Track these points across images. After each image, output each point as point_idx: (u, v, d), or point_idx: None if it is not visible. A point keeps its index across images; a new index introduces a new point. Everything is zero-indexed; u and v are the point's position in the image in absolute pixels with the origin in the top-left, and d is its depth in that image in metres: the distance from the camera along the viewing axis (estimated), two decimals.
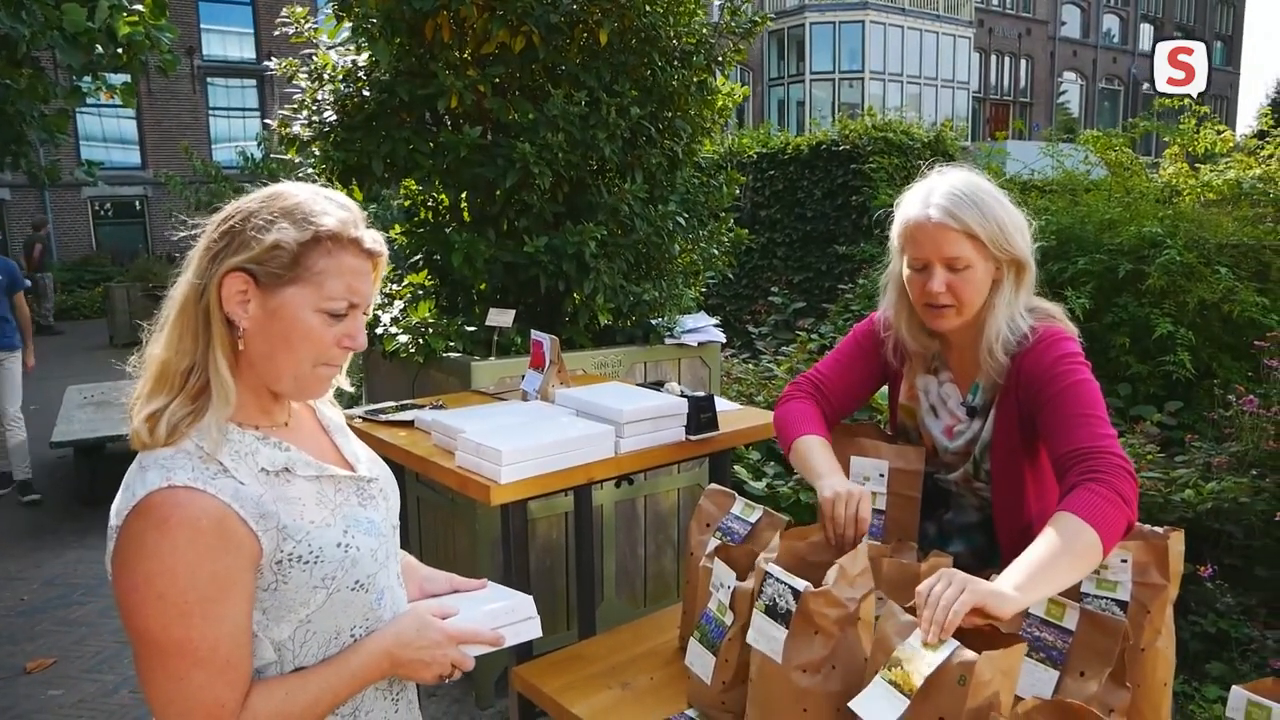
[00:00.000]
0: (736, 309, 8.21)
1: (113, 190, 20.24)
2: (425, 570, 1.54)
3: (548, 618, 3.41)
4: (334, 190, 1.28)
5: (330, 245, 1.20)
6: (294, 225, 1.18)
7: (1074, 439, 1.57)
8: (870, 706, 1.29)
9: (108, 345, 13.50)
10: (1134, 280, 4.48)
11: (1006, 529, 1.85)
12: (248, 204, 1.21)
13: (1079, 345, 1.75)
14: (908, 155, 7.83)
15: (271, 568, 1.17)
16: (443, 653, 1.29)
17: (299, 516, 1.20)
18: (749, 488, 3.98)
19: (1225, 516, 3.30)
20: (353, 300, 1.22)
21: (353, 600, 1.24)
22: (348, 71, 3.69)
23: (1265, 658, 2.86)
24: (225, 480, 1.15)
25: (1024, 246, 1.74)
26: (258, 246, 1.17)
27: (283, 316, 1.19)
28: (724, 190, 4.14)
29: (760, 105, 29.56)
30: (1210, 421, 3.87)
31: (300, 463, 1.24)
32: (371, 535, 1.28)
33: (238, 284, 1.17)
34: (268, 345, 1.20)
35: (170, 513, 1.10)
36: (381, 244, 1.27)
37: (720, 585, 1.67)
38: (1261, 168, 5.86)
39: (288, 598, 1.18)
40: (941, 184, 1.75)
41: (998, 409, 1.80)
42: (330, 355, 1.23)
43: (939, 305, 1.74)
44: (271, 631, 1.19)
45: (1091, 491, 1.46)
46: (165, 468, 1.13)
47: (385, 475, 1.41)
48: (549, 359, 2.64)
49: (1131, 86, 37.34)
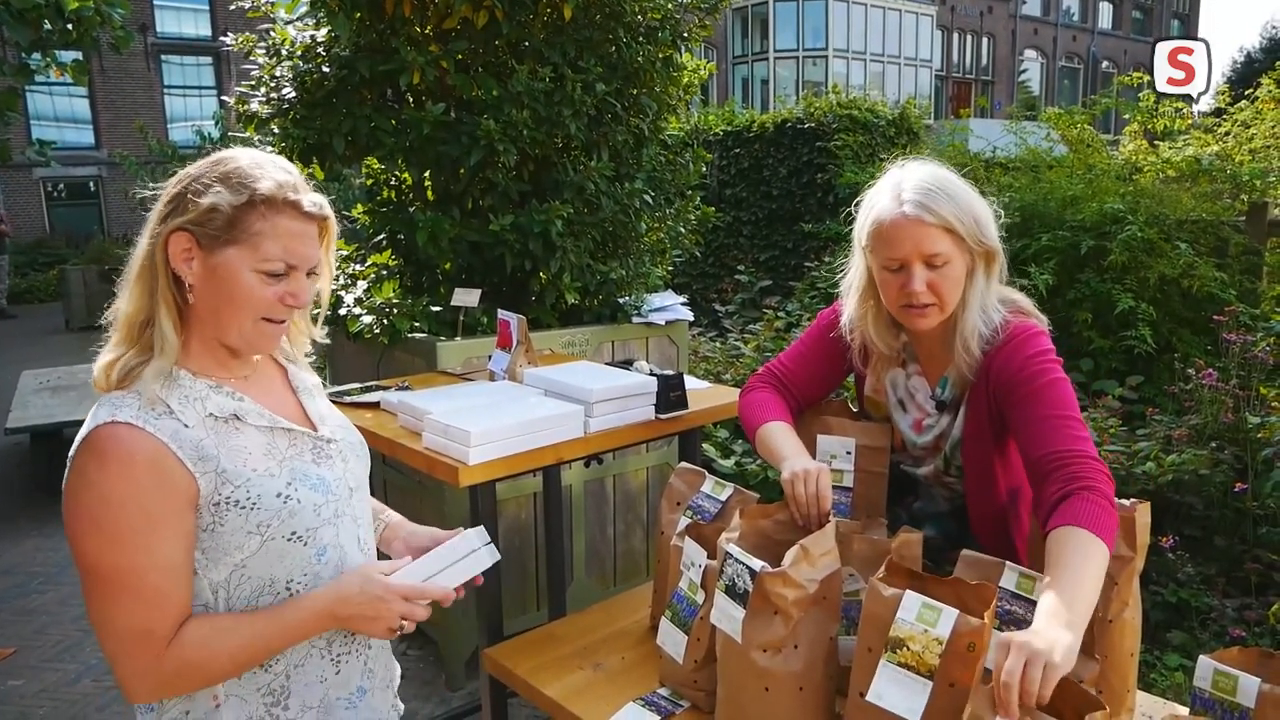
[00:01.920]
0: (703, 288, 8.20)
1: (66, 171, 19.75)
2: (410, 527, 1.59)
3: (517, 599, 3.41)
4: (277, 156, 1.34)
5: (264, 209, 1.26)
6: (229, 189, 1.25)
7: (1050, 442, 1.55)
8: (891, 695, 1.28)
9: (63, 329, 13.20)
10: (1096, 256, 4.52)
11: (979, 516, 1.84)
12: (194, 169, 1.30)
13: (1049, 339, 1.72)
14: (872, 133, 7.84)
15: (209, 509, 1.23)
16: (387, 606, 1.31)
17: (241, 463, 1.26)
18: (718, 466, 3.98)
19: (1185, 488, 3.36)
20: (290, 261, 1.28)
21: (289, 551, 1.29)
22: (307, 47, 3.61)
23: (1225, 626, 2.92)
24: (168, 421, 1.22)
25: (994, 235, 1.71)
26: (195, 209, 1.25)
27: (222, 275, 1.26)
28: (690, 168, 4.12)
29: (725, 83, 29.49)
30: (1171, 395, 3.93)
31: (252, 413, 1.31)
32: (319, 491, 1.33)
33: (182, 243, 1.25)
34: (213, 301, 1.27)
35: (109, 446, 1.19)
36: (325, 207, 1.33)
37: (691, 564, 1.66)
38: (1219, 145, 5.94)
39: (223, 540, 1.25)
40: (909, 178, 1.69)
41: (968, 405, 1.77)
42: (272, 311, 1.29)
43: (920, 305, 1.68)
44: (210, 572, 1.26)
45: (1087, 501, 1.43)
46: (115, 405, 1.22)
47: (352, 440, 1.47)
48: (516, 339, 2.61)
49: (1091, 64, 37.72)
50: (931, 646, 1.26)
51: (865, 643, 1.35)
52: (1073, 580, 1.33)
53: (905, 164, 1.75)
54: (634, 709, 1.67)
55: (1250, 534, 3.29)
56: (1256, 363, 3.59)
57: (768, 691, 1.44)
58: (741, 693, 1.48)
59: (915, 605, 1.29)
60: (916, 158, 1.78)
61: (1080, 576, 1.34)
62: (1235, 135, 6.09)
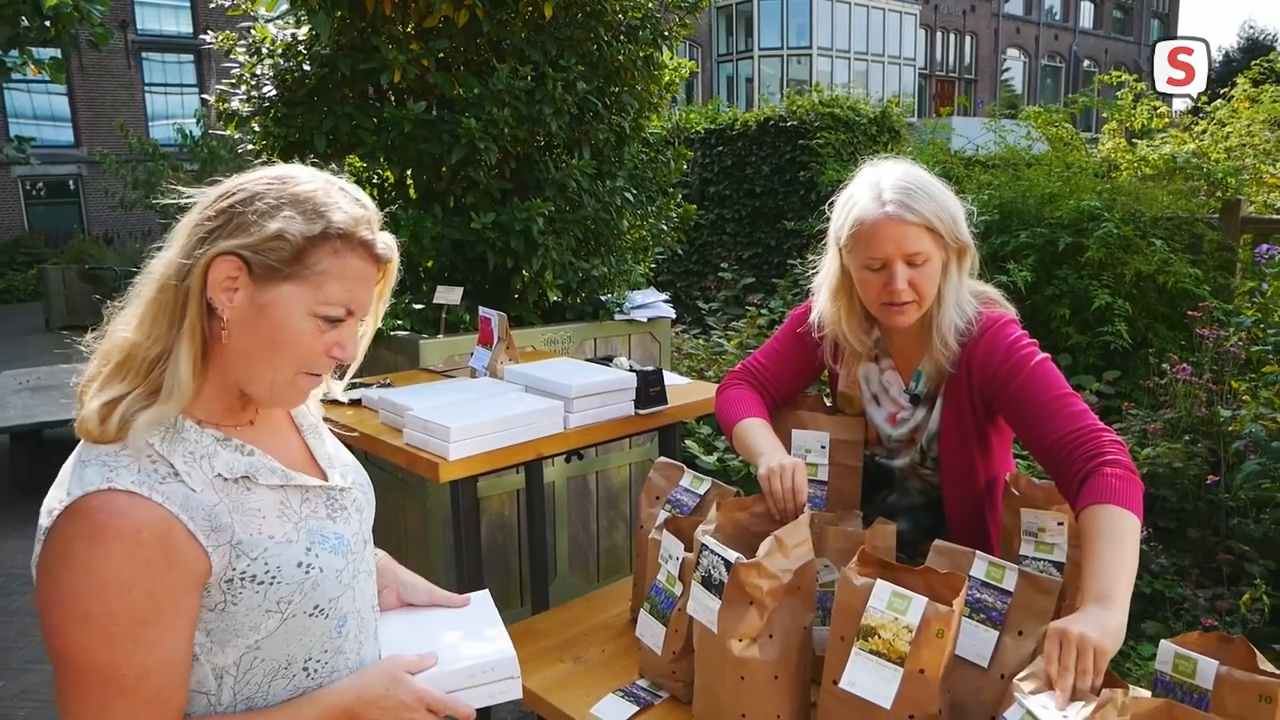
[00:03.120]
0: (687, 285, 8.22)
1: (45, 169, 19.59)
2: (405, 576, 1.44)
3: (500, 595, 3.41)
4: (350, 183, 1.17)
5: (339, 244, 1.09)
6: (302, 215, 1.07)
7: (1057, 426, 1.58)
8: (863, 682, 1.31)
9: (43, 329, 13.10)
10: (1073, 253, 4.57)
11: (955, 507, 1.87)
12: (252, 183, 1.09)
13: (1020, 324, 1.76)
14: (854, 131, 7.88)
15: (220, 586, 1.05)
16: (409, 716, 1.17)
17: (257, 530, 1.08)
18: (700, 462, 4.00)
19: (1160, 481, 3.40)
20: (350, 307, 1.12)
21: (309, 627, 1.13)
22: (287, 45, 3.61)
23: (1197, 616, 2.96)
24: (175, 486, 1.03)
25: (967, 231, 1.74)
26: (258, 233, 1.05)
27: (271, 315, 1.07)
28: (672, 166, 4.14)
29: (710, 82, 29.53)
30: (1146, 390, 3.98)
31: (264, 469, 1.12)
32: (339, 554, 1.16)
33: (228, 269, 1.05)
34: (250, 343, 1.08)
35: (107, 521, 0.98)
36: (394, 250, 1.17)
37: (669, 557, 1.68)
38: (1195, 143, 6.01)
39: (236, 621, 1.07)
40: (888, 178, 1.71)
41: (946, 398, 1.80)
42: (315, 364, 1.12)
43: (901, 303, 1.70)
44: (214, 656, 1.07)
45: (1109, 476, 1.46)
46: (107, 465, 1.01)
47: (361, 482, 1.30)
48: (497, 335, 2.63)
49: (1073, 63, 37.96)
50: (902, 634, 1.29)
51: (838, 631, 1.38)
52: (1112, 558, 1.37)
53: (880, 163, 1.78)
54: (613, 700, 1.70)
55: (1223, 525, 3.34)
56: (1229, 357, 3.64)
57: (743, 680, 1.47)
58: (718, 682, 1.50)
59: (886, 594, 1.32)
60: (890, 156, 1.81)
61: (1118, 553, 1.37)
62: (1211, 134, 6.16)
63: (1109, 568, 1.36)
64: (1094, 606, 1.31)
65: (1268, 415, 3.13)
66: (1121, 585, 1.34)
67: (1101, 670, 1.23)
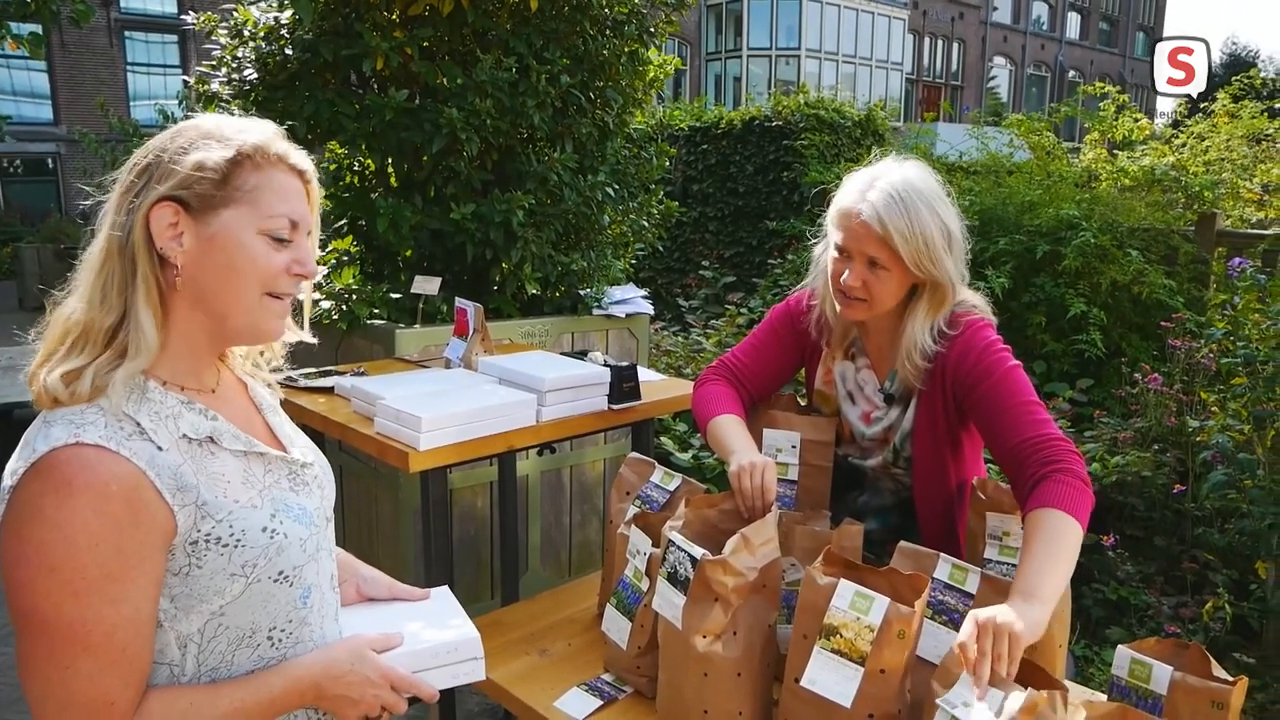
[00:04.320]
0: (668, 282, 8.23)
1: (22, 147, 19.31)
2: (364, 570, 1.43)
3: (471, 587, 3.42)
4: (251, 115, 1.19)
5: (259, 159, 1.11)
6: (217, 144, 1.09)
7: (1018, 430, 1.61)
8: (824, 680, 1.31)
9: (16, 309, 12.94)
10: (1051, 261, 4.61)
11: (926, 507, 1.89)
12: (159, 140, 1.12)
13: (995, 329, 1.78)
14: (839, 134, 7.91)
15: (185, 549, 1.04)
16: (375, 693, 1.17)
17: (221, 493, 1.08)
18: (675, 459, 4.01)
19: (1128, 489, 3.44)
20: (293, 218, 1.13)
21: (274, 594, 1.12)
22: (270, 29, 3.58)
23: (1161, 623, 3.00)
24: (142, 443, 1.03)
25: (950, 267, 1.71)
26: (181, 170, 1.06)
27: (222, 243, 1.08)
28: (654, 162, 4.14)
29: (698, 80, 29.51)
30: (1118, 398, 4.02)
31: (227, 434, 1.12)
32: (303, 524, 1.16)
33: (167, 215, 1.06)
34: (210, 279, 1.09)
35: (75, 474, 0.97)
36: (309, 163, 1.18)
37: (637, 552, 1.68)
38: (1175, 156, 6.07)
39: (201, 585, 1.06)
40: (883, 179, 1.72)
41: (921, 398, 1.81)
42: (278, 284, 1.13)
43: (851, 296, 1.75)
44: (179, 623, 1.07)
45: (1060, 483, 1.50)
46: (74, 423, 1.00)
47: (321, 463, 1.29)
48: (473, 327, 2.62)
49: (1058, 73, 38.23)
50: (864, 634, 1.30)
51: (800, 630, 1.38)
52: (1045, 558, 1.41)
53: (902, 160, 1.78)
54: (577, 694, 1.70)
55: (1189, 534, 3.38)
56: (1200, 368, 3.68)
57: (706, 677, 1.47)
58: (681, 678, 1.50)
59: (849, 593, 1.32)
60: (911, 158, 1.81)
61: (1053, 554, 1.41)
62: (1191, 147, 6.23)
63: (1041, 567, 1.39)
64: (1018, 599, 1.35)
65: (1235, 427, 3.17)
66: (1049, 584, 1.37)
67: (1017, 658, 1.25)
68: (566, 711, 1.64)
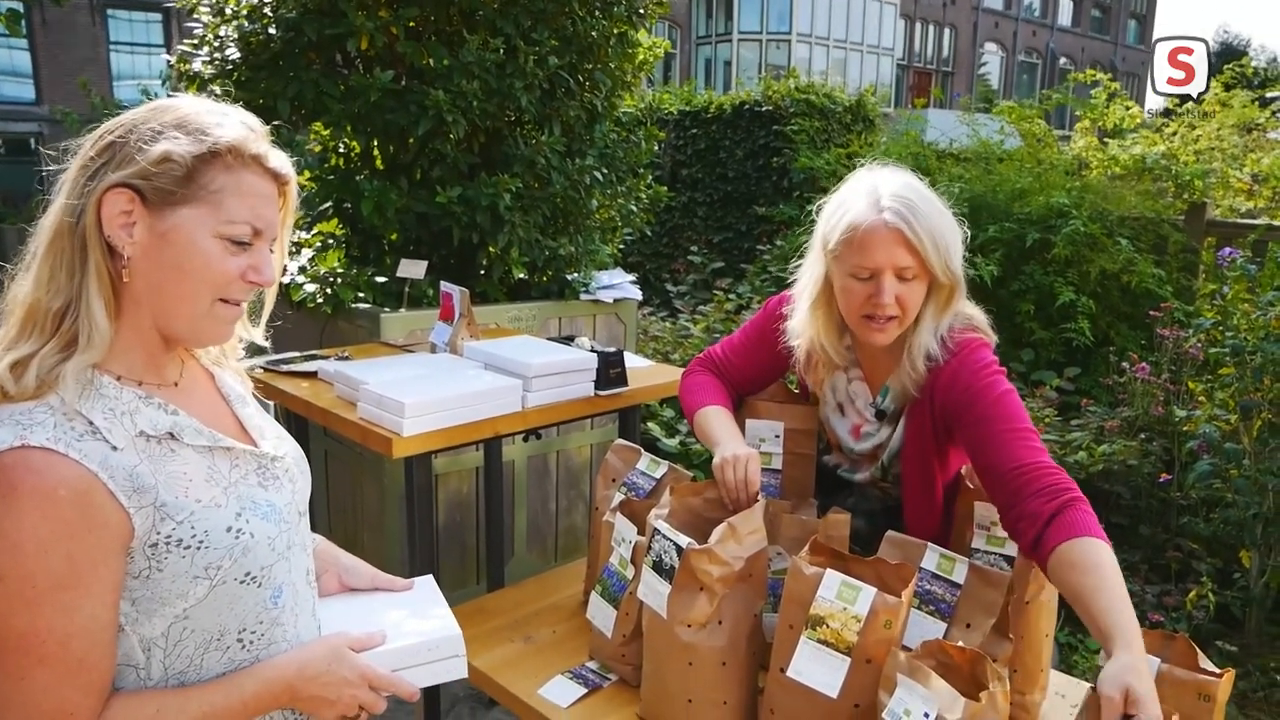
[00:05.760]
0: (656, 267, 8.20)
1: (4, 126, 19.11)
2: (346, 560, 1.39)
3: (457, 573, 3.40)
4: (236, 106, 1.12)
5: (230, 159, 1.04)
6: (188, 136, 1.03)
7: (1018, 455, 1.50)
8: (810, 671, 1.30)
9: None
10: (1040, 249, 4.61)
11: (915, 519, 1.82)
12: (131, 116, 1.05)
13: (991, 351, 1.69)
14: (829, 119, 7.88)
15: (144, 551, 1.00)
16: (352, 692, 1.14)
17: (182, 493, 1.03)
18: (662, 445, 4.00)
19: (1114, 478, 3.45)
20: (256, 225, 1.07)
21: (241, 595, 1.08)
22: (252, 7, 3.52)
23: (1145, 612, 3.01)
24: (94, 443, 0.98)
25: (959, 265, 1.65)
26: (144, 159, 1.00)
27: (175, 241, 1.03)
28: (643, 146, 4.10)
29: (688, 64, 29.39)
30: (1106, 387, 4.03)
31: (189, 429, 1.08)
32: (271, 521, 1.11)
33: (121, 202, 1.01)
34: (158, 276, 1.03)
35: (21, 479, 0.93)
36: (288, 166, 1.12)
37: (622, 540, 1.67)
38: (1165, 144, 6.07)
39: (162, 588, 1.02)
40: (887, 186, 1.63)
41: (909, 417, 1.75)
42: (231, 290, 1.07)
43: (884, 317, 1.62)
44: (141, 627, 1.03)
45: (1082, 511, 1.40)
46: (20, 424, 0.96)
47: (294, 453, 1.24)
48: (458, 311, 2.59)
49: (1049, 60, 38.23)
50: (850, 624, 1.29)
51: (786, 620, 1.37)
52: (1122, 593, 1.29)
53: (876, 168, 1.69)
54: (561, 681, 1.68)
55: (1173, 523, 3.39)
56: (1187, 358, 3.69)
57: (691, 666, 1.46)
58: (666, 667, 1.49)
59: (835, 583, 1.31)
60: (887, 162, 1.73)
61: (1122, 586, 1.31)
62: (1181, 136, 6.22)
63: (1125, 605, 1.28)
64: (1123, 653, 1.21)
65: (1221, 417, 3.18)
66: (1134, 623, 1.27)
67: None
68: (550, 699, 1.63)
